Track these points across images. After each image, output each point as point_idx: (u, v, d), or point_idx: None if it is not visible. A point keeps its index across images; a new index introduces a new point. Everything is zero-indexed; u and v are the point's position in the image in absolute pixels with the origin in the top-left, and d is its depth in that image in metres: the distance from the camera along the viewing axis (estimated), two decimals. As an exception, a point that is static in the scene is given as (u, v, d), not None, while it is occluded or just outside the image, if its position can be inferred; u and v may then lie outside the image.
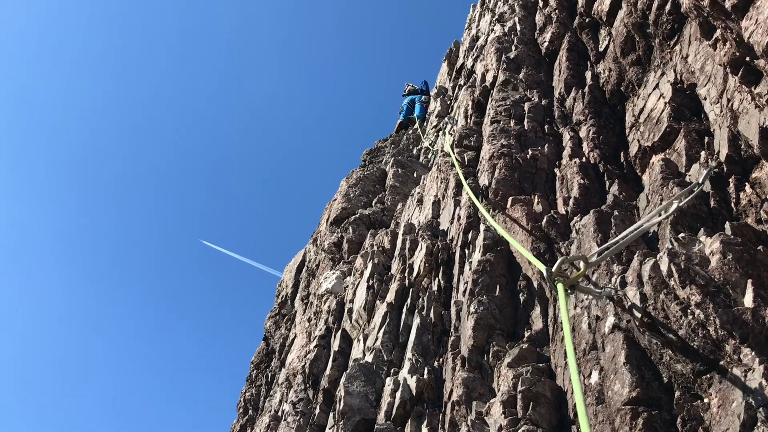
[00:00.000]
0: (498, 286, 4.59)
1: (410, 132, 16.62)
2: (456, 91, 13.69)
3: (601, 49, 6.42)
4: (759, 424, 2.41)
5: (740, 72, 3.87)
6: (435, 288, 5.49)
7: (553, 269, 3.25)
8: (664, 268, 3.08)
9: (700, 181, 3.61)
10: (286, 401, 6.91)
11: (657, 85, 5.07)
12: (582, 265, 3.37)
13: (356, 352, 6.02)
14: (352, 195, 11.61)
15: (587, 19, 6.85)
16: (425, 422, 4.27)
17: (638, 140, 4.99)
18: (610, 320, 3.31)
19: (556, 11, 7.68)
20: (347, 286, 7.65)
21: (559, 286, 3.15)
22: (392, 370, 5.09)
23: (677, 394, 2.85)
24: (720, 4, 3.73)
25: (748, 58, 3.76)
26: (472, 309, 4.44)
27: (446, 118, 9.47)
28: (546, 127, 6.27)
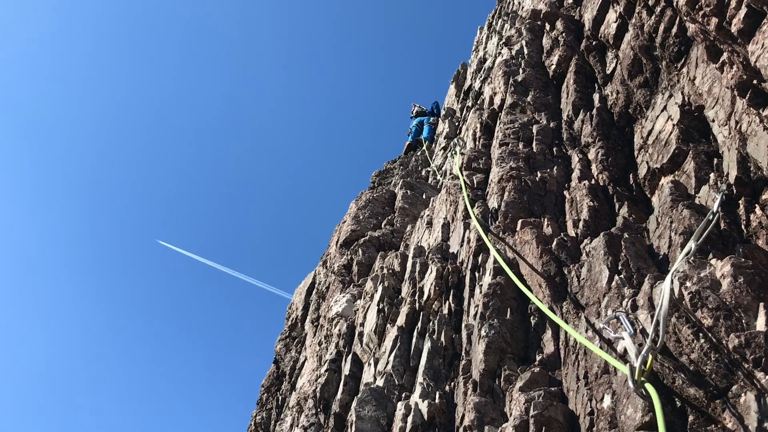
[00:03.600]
0: (509, 309, 4.59)
1: (419, 153, 16.69)
2: (464, 113, 13.77)
3: (608, 72, 6.46)
4: (774, 449, 2.40)
5: (748, 94, 3.89)
6: (445, 311, 5.48)
7: (637, 365, 2.78)
8: (675, 291, 3.08)
9: (714, 210, 3.59)
10: (297, 425, 6.88)
11: (665, 107, 5.10)
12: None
13: (367, 376, 6.01)
14: (361, 217, 11.65)
15: (594, 42, 6.90)
16: (437, 447, 4.25)
17: (647, 162, 5.01)
18: (622, 343, 3.30)
19: (563, 34, 7.74)
20: (357, 310, 7.65)
21: (651, 390, 2.70)
22: (403, 395, 5.08)
23: (691, 418, 2.83)
24: (726, 28, 3.76)
25: (755, 81, 3.78)
26: (483, 332, 4.43)
27: (455, 140, 9.51)
28: (554, 149, 6.30)
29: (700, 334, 2.91)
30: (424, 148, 16.34)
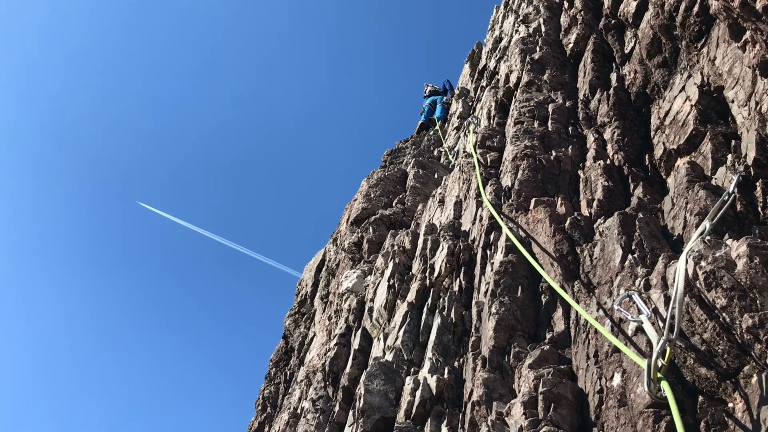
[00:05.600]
0: (520, 288, 4.59)
1: (431, 133, 16.63)
2: (478, 93, 13.67)
3: (626, 51, 6.38)
4: (785, 429, 2.39)
5: (770, 74, 3.83)
6: (456, 288, 5.49)
7: (653, 360, 2.81)
8: (689, 271, 3.06)
9: (730, 190, 3.56)
10: (305, 399, 6.95)
11: (683, 88, 5.03)
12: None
13: (376, 350, 6.04)
14: (372, 195, 11.64)
15: (613, 21, 6.81)
16: (445, 422, 4.28)
17: (663, 143, 4.96)
18: (633, 324, 3.29)
19: (582, 12, 7.64)
20: (368, 285, 7.68)
21: (667, 389, 2.70)
22: (412, 369, 5.10)
23: (701, 398, 2.83)
24: (751, 5, 3.69)
25: (778, 61, 3.72)
26: (493, 310, 4.44)
27: (470, 118, 9.47)
28: (570, 128, 6.25)
29: (714, 314, 2.89)
30: (437, 127, 16.28)
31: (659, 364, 2.84)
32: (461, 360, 4.76)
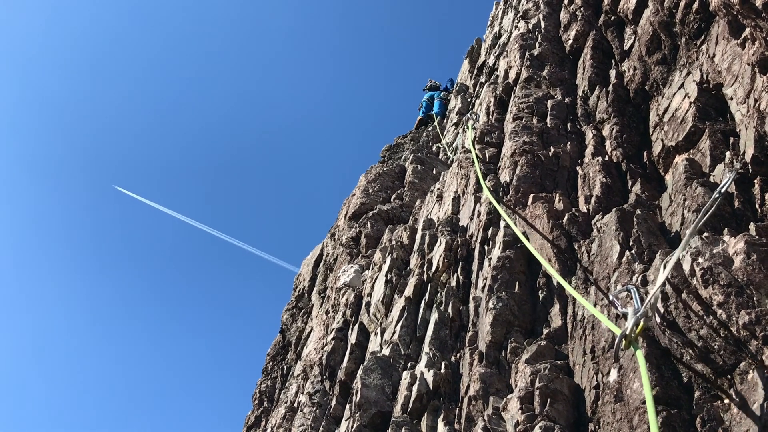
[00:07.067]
0: (517, 283, 4.59)
1: (430, 129, 16.62)
2: (477, 89, 13.66)
3: (626, 48, 6.38)
4: (780, 425, 2.40)
5: (768, 72, 3.83)
6: (453, 283, 5.49)
7: (628, 331, 2.97)
8: (686, 267, 3.07)
9: (720, 192, 3.55)
10: (302, 392, 6.96)
11: (682, 85, 5.03)
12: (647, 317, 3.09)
13: (373, 345, 6.05)
14: (370, 190, 11.64)
15: (612, 17, 6.81)
16: (442, 416, 4.28)
17: (662, 140, 4.96)
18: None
19: (581, 9, 7.63)
20: (365, 280, 7.68)
21: (639, 354, 2.86)
22: (409, 364, 5.11)
23: (697, 394, 2.83)
24: (750, 2, 3.69)
25: (777, 58, 3.72)
26: (490, 305, 4.44)
27: (469, 114, 9.47)
28: (569, 124, 6.25)
29: (710, 311, 2.90)
30: (435, 123, 16.27)
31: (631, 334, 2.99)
32: (458, 355, 4.77)
